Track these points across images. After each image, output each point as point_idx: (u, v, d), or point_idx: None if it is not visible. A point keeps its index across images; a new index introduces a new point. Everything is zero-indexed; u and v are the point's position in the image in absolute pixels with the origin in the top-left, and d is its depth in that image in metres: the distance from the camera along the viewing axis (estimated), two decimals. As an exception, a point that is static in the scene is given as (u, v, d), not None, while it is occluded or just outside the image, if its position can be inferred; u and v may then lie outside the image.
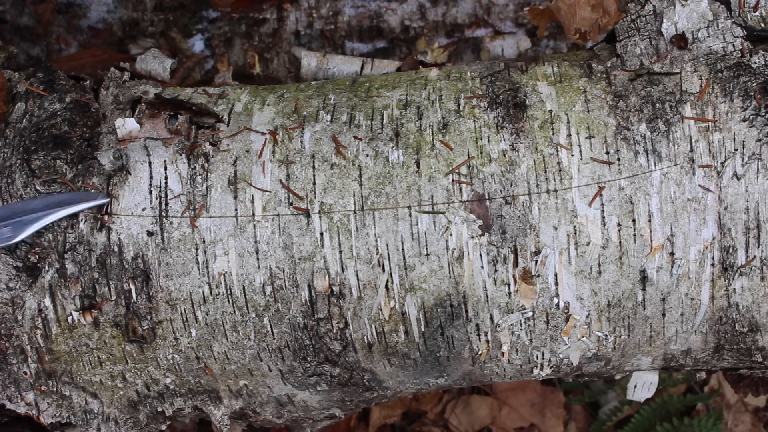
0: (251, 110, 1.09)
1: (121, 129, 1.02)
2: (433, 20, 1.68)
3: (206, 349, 1.06)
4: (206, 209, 1.02)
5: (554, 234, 1.00)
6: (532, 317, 1.03)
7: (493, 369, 1.09)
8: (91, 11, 1.66)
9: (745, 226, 0.99)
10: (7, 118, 1.08)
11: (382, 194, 1.01)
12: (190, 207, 1.02)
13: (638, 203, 1.00)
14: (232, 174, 1.03)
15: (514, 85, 1.06)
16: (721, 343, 1.07)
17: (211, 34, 1.67)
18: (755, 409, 2.03)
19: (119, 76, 1.13)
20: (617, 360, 1.10)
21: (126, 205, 1.02)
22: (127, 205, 1.02)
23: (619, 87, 1.04)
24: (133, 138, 1.02)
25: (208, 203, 1.02)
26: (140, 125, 1.03)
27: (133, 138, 1.02)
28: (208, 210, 1.02)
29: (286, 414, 1.16)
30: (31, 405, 1.07)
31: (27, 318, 1.03)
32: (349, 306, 1.02)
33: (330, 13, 1.66)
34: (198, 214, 1.02)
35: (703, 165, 1.00)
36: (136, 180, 1.03)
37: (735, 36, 1.05)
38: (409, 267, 1.01)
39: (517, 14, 1.68)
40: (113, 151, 1.04)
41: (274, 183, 1.03)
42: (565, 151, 1.01)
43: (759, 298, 1.02)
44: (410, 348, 1.05)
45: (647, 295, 1.02)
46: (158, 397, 1.10)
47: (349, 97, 1.09)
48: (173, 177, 1.04)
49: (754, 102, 1.00)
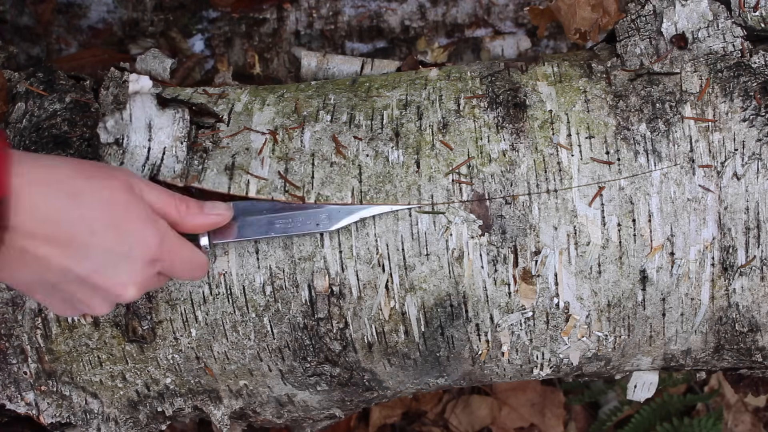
0: (251, 110, 1.09)
1: (134, 83, 1.02)
2: (433, 20, 1.68)
3: (206, 349, 1.06)
4: (199, 181, 1.01)
5: (554, 234, 1.00)
6: (532, 317, 1.03)
7: (493, 369, 1.09)
8: (91, 11, 1.66)
9: (745, 226, 0.99)
10: (7, 118, 1.08)
11: (381, 192, 1.01)
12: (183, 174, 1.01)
13: (638, 203, 1.00)
14: (230, 163, 1.03)
15: (514, 85, 1.06)
16: (721, 343, 1.07)
17: (211, 34, 1.67)
18: (755, 409, 2.03)
19: (119, 76, 1.13)
20: (617, 360, 1.10)
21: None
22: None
23: (619, 87, 1.04)
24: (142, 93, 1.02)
25: (202, 177, 1.01)
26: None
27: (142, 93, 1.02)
28: (201, 182, 1.01)
29: (286, 414, 1.16)
30: (31, 405, 1.07)
31: (27, 318, 1.03)
32: (349, 306, 1.02)
33: (330, 13, 1.66)
34: (191, 182, 1.01)
35: (703, 165, 1.00)
36: (132, 160, 1.03)
37: (735, 36, 1.05)
38: (409, 267, 1.01)
39: (517, 14, 1.68)
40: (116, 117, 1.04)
41: (272, 174, 1.02)
42: (565, 151, 1.01)
43: (759, 298, 1.02)
44: (410, 348, 1.05)
45: (647, 295, 1.02)
46: (158, 397, 1.10)
47: (349, 97, 1.09)
48: (169, 160, 1.03)
49: (754, 102, 1.00)
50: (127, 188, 0.84)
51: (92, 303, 0.85)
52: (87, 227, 0.79)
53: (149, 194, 0.87)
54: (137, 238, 0.83)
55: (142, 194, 0.86)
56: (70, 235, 0.78)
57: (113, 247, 0.81)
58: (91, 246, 0.79)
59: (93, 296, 0.84)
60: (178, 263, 0.89)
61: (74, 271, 0.80)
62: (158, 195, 0.88)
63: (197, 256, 0.92)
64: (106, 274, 0.82)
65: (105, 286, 0.83)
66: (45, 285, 0.82)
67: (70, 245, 0.78)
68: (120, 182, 0.84)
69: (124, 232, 0.82)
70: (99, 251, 0.80)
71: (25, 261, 0.77)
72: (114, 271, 0.82)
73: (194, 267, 0.92)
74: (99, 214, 0.80)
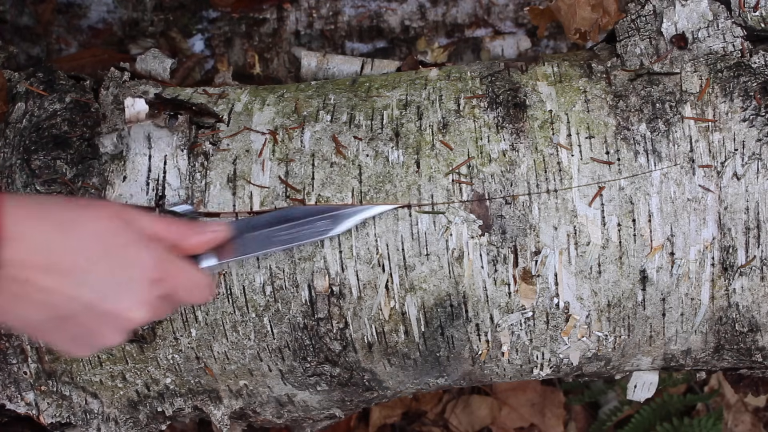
0: (251, 110, 1.09)
1: (130, 109, 1.01)
2: (433, 20, 1.68)
3: (206, 349, 1.06)
4: (204, 204, 1.02)
5: (554, 234, 1.00)
6: (532, 317, 1.03)
7: (493, 369, 1.09)
8: (91, 11, 1.66)
9: (745, 226, 0.99)
10: (7, 118, 1.08)
11: (381, 192, 1.01)
12: (188, 197, 1.02)
13: (638, 203, 1.00)
14: (231, 172, 1.03)
15: (514, 85, 1.06)
16: (721, 343, 1.07)
17: (211, 34, 1.67)
18: (755, 409, 2.03)
19: (119, 76, 1.13)
20: (617, 360, 1.10)
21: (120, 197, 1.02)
22: (122, 196, 1.02)
23: (619, 87, 1.04)
24: (140, 119, 1.01)
25: (206, 199, 1.02)
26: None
27: (140, 119, 1.01)
28: (206, 206, 1.02)
29: (286, 414, 1.16)
30: (31, 405, 1.07)
31: (27, 318, 1.03)
32: (349, 306, 1.02)
33: (330, 13, 1.66)
34: (197, 208, 1.01)
35: (703, 165, 1.00)
36: (134, 172, 1.03)
37: (735, 36, 1.05)
38: (409, 267, 1.01)
39: (517, 14, 1.68)
40: (115, 135, 1.04)
41: (272, 179, 1.03)
42: (565, 151, 1.01)
43: (759, 298, 1.02)
44: (410, 348, 1.05)
45: (647, 295, 1.02)
46: (158, 397, 1.10)
47: (349, 97, 1.09)
48: (172, 172, 1.04)
49: (754, 102, 1.00)
50: (116, 217, 0.84)
51: (104, 332, 0.84)
52: (84, 256, 0.79)
53: (141, 221, 0.87)
54: (135, 262, 0.83)
55: (133, 222, 0.86)
56: (69, 264, 0.78)
57: (112, 273, 0.81)
58: (91, 273, 0.80)
59: (103, 325, 0.83)
60: (180, 285, 0.88)
61: (81, 299, 0.79)
62: (150, 220, 0.88)
63: (199, 276, 0.91)
64: (112, 299, 0.82)
65: (114, 312, 0.82)
66: (54, 321, 0.81)
67: (70, 274, 0.78)
68: (109, 212, 0.84)
69: (120, 259, 0.82)
70: (100, 278, 0.80)
71: (29, 295, 0.77)
72: (118, 296, 0.82)
73: (198, 288, 0.91)
74: (93, 244, 0.81)
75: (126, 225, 0.84)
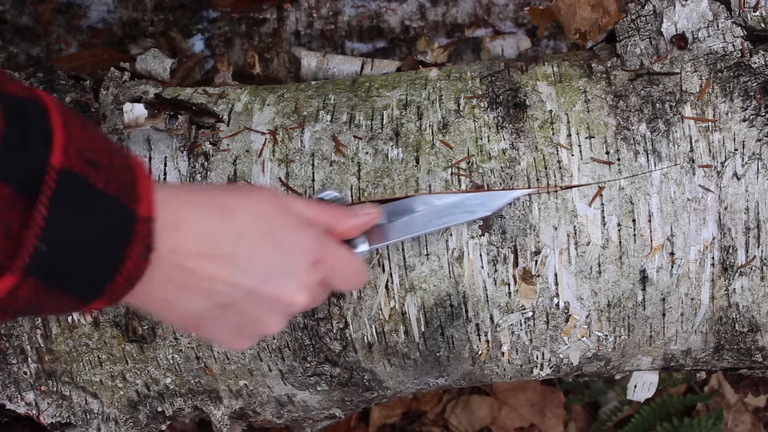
0: (251, 110, 1.09)
1: (129, 114, 1.01)
2: (433, 20, 1.68)
3: (206, 349, 1.06)
4: None
5: (554, 234, 1.00)
6: (532, 317, 1.03)
7: (493, 369, 1.09)
8: (91, 11, 1.66)
9: (745, 226, 0.99)
10: (7, 118, 1.07)
11: (380, 186, 1.01)
12: None
13: (638, 203, 1.00)
14: (231, 173, 1.03)
15: (514, 85, 1.06)
16: (721, 343, 1.07)
17: (211, 34, 1.67)
18: (755, 409, 2.03)
19: (119, 76, 1.13)
20: (617, 360, 1.10)
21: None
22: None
23: (619, 87, 1.04)
24: (139, 124, 1.01)
25: None
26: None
27: (139, 124, 1.01)
28: None
29: (286, 414, 1.16)
30: (31, 405, 1.07)
31: (27, 318, 1.03)
32: (349, 306, 1.03)
33: (330, 13, 1.66)
34: None
35: (703, 165, 1.00)
36: None
37: (735, 36, 1.05)
38: (409, 267, 1.01)
39: (517, 14, 1.68)
40: (115, 136, 1.04)
41: (273, 180, 1.03)
42: (565, 151, 1.01)
43: (759, 298, 1.02)
44: (410, 348, 1.06)
45: (647, 295, 1.02)
46: (158, 397, 1.10)
47: (349, 97, 1.09)
48: (172, 174, 1.04)
49: (754, 102, 1.00)
50: (274, 201, 0.83)
51: (266, 319, 0.82)
52: (246, 242, 0.78)
53: (295, 204, 0.86)
54: (295, 244, 0.82)
55: (288, 205, 0.85)
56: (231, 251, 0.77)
57: (275, 257, 0.80)
58: (253, 259, 0.78)
59: (266, 311, 0.82)
60: (338, 267, 0.87)
61: (244, 285, 0.78)
62: (304, 204, 0.87)
63: (355, 261, 0.90)
64: (275, 283, 0.80)
65: (276, 295, 0.81)
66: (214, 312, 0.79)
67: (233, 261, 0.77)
68: (266, 196, 0.83)
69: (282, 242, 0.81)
70: (262, 263, 0.79)
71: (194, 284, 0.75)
72: (281, 279, 0.80)
73: (354, 272, 0.90)
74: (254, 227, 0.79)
75: (283, 208, 0.83)
